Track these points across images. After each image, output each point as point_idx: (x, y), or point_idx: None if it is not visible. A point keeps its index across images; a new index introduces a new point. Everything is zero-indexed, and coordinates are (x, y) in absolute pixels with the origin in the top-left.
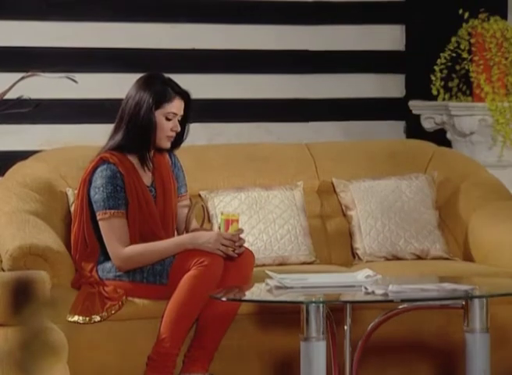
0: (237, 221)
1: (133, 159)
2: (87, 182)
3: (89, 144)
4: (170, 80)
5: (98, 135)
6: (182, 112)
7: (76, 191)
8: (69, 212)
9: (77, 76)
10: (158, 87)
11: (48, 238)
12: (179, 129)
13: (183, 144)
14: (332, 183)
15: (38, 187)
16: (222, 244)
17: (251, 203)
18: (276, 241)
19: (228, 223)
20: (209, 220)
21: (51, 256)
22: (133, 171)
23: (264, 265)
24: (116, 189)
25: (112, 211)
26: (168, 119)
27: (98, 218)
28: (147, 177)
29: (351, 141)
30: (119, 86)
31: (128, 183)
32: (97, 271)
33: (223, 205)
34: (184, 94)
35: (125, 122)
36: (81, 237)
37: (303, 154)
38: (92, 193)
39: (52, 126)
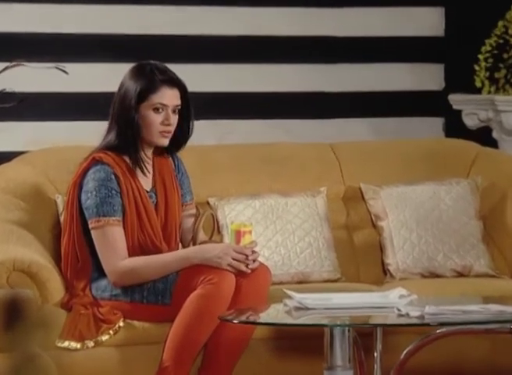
0: (250, 232)
1: (130, 161)
2: (78, 186)
3: (81, 144)
4: (159, 67)
5: (92, 134)
6: (176, 103)
7: (66, 198)
8: (59, 221)
9: (68, 66)
10: (143, 77)
11: (35, 252)
12: (172, 122)
13: (188, 145)
14: (360, 189)
15: (23, 194)
16: (233, 259)
17: (267, 212)
18: (296, 256)
19: (239, 234)
20: (219, 231)
21: (37, 273)
22: (131, 174)
23: (281, 282)
24: (111, 193)
25: (107, 218)
26: (156, 112)
27: (90, 226)
28: (146, 182)
29: (382, 140)
30: (115, 78)
31: (124, 187)
32: (90, 290)
33: (235, 214)
34: (174, 82)
35: (115, 119)
36: (72, 250)
37: (326, 155)
38: (83, 198)
39: (39, 123)
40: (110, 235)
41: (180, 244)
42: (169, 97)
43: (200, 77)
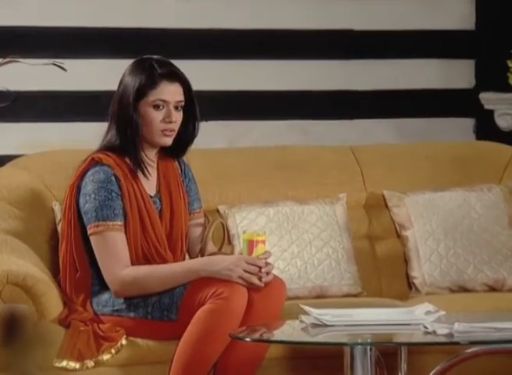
0: (264, 242)
1: (131, 162)
2: (76, 189)
3: (81, 147)
4: (160, 61)
5: (92, 136)
6: (178, 98)
7: (63, 205)
8: (57, 230)
9: (66, 62)
10: (141, 72)
11: (30, 264)
12: (174, 119)
13: (196, 148)
14: (383, 196)
15: (18, 201)
16: (245, 271)
17: (282, 221)
18: (313, 268)
19: (252, 244)
20: (229, 242)
21: (33, 286)
22: (133, 176)
23: (297, 297)
24: (111, 196)
25: (106, 223)
26: (157, 109)
27: (89, 232)
28: (150, 185)
29: (407, 143)
30: (118, 75)
31: (126, 189)
32: (91, 304)
33: (247, 222)
34: (174, 76)
35: (114, 118)
36: (70, 259)
37: (346, 159)
38: (81, 202)
39: (35, 124)
40: (110, 241)
41: (187, 255)
42: (170, 92)
43: (210, 74)
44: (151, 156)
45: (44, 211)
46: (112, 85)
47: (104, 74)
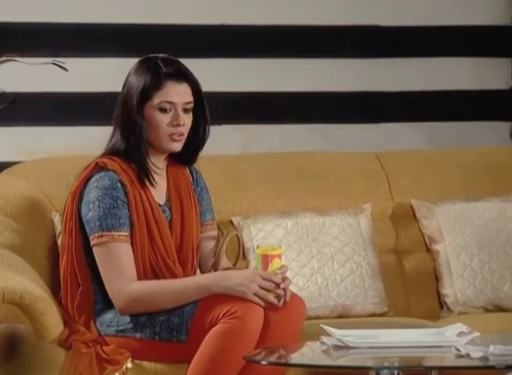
0: (280, 256)
1: (137, 169)
2: (78, 196)
3: (83, 153)
4: (166, 60)
5: (96, 141)
6: (186, 99)
7: (64, 214)
8: (57, 244)
9: (67, 61)
10: (146, 73)
11: (28, 280)
12: (183, 122)
13: (208, 154)
14: (412, 207)
15: (14, 212)
16: (261, 288)
17: (301, 233)
18: (335, 285)
19: (266, 259)
20: (244, 256)
21: (31, 304)
22: (140, 183)
23: (318, 317)
24: (116, 204)
25: (111, 233)
26: (163, 112)
27: (92, 243)
28: (159, 194)
29: (437, 149)
30: (123, 75)
31: (133, 197)
32: (94, 324)
33: (263, 235)
34: (181, 76)
35: (118, 121)
36: (71, 274)
37: (371, 166)
38: (84, 210)
39: (33, 128)
40: (115, 252)
41: (198, 270)
42: (177, 93)
43: (223, 74)
44: (158, 163)
45: (43, 223)
46: (117, 86)
47: (109, 74)
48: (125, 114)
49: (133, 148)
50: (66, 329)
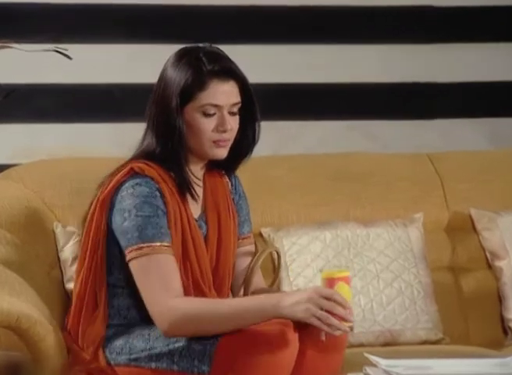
0: (346, 280)
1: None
2: (107, 204)
3: (90, 154)
4: (209, 52)
5: (104, 140)
6: (233, 100)
7: (87, 223)
8: (59, 259)
9: (71, 48)
10: (187, 68)
11: (26, 302)
12: (230, 127)
13: None
14: (470, 217)
15: (10, 222)
16: (321, 309)
17: (341, 247)
18: (381, 308)
19: (331, 283)
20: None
21: (29, 329)
22: (179, 194)
23: (362, 344)
24: (157, 213)
25: (152, 244)
26: (208, 116)
27: (130, 256)
28: (194, 206)
29: (500, 149)
30: (134, 64)
31: (172, 211)
32: (103, 351)
33: (297, 249)
34: (227, 73)
35: (153, 123)
36: (90, 295)
37: (423, 170)
38: (117, 220)
39: (32, 126)
40: (158, 265)
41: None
42: (223, 94)
43: (250, 64)
44: (197, 171)
45: (43, 235)
46: (128, 76)
47: (119, 63)
48: (161, 116)
49: (171, 155)
50: (70, 357)
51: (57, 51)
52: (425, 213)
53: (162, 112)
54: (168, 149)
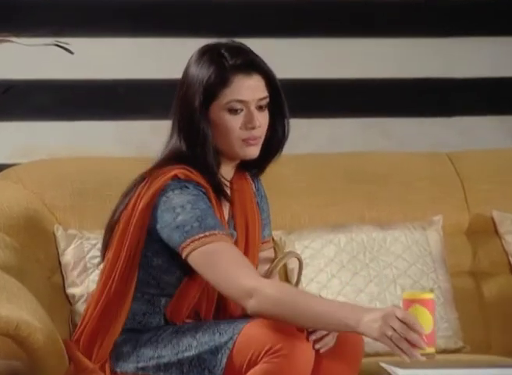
0: (424, 303)
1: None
2: (150, 209)
3: (92, 153)
4: (231, 47)
5: (107, 139)
6: (259, 95)
7: (120, 231)
8: (60, 263)
9: (72, 42)
10: (208, 65)
11: (25, 308)
12: (258, 123)
13: None
14: (493, 219)
15: (9, 225)
16: (395, 331)
17: (357, 251)
18: None
19: (407, 304)
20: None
21: (28, 337)
22: (217, 200)
23: (378, 353)
24: (211, 210)
25: (216, 231)
26: (234, 113)
27: (192, 247)
28: (224, 210)
29: None
30: (139, 58)
31: (217, 215)
32: (110, 359)
33: (310, 253)
34: (252, 66)
35: (176, 123)
36: (113, 299)
37: (443, 170)
38: (167, 218)
39: (31, 124)
40: (230, 249)
41: None
42: (248, 89)
43: (265, 57)
44: (227, 174)
45: (43, 238)
46: (132, 72)
47: (123, 58)
48: (186, 116)
49: (200, 158)
50: (71, 366)
51: (58, 46)
52: (445, 215)
53: (186, 112)
54: (197, 152)
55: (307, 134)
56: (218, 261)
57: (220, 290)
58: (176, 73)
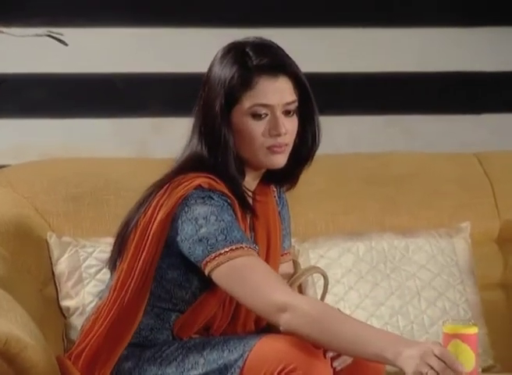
0: (465, 338)
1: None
2: (169, 218)
3: (88, 154)
4: (257, 45)
5: (104, 137)
6: (286, 99)
7: (135, 243)
8: (53, 274)
9: (66, 33)
10: (231, 66)
11: (15, 323)
12: (284, 130)
13: None
14: None
15: None
16: (432, 368)
17: (377, 261)
18: (423, 330)
19: (446, 339)
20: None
21: (19, 354)
22: (239, 210)
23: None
24: (236, 222)
25: (243, 245)
26: (258, 119)
27: (217, 262)
28: (246, 222)
29: None
30: (138, 50)
31: (241, 226)
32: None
33: (326, 263)
34: (278, 68)
35: (197, 126)
36: (126, 309)
37: (471, 172)
38: (190, 230)
39: (22, 121)
40: (258, 263)
41: None
42: (274, 92)
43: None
44: (251, 184)
45: (35, 246)
46: (131, 65)
47: (121, 50)
48: (207, 120)
49: (223, 167)
50: None
51: (50, 37)
52: (473, 222)
53: (207, 115)
54: (219, 160)
55: (323, 133)
56: (248, 276)
57: (248, 306)
58: (180, 66)
